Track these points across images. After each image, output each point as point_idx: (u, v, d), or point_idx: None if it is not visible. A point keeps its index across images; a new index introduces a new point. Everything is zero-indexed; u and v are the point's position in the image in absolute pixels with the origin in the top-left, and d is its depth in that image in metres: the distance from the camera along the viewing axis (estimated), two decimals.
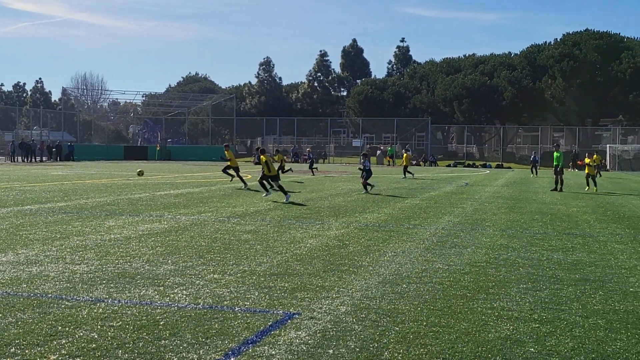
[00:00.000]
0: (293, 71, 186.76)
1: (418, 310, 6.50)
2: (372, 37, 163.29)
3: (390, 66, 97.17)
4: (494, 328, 5.98)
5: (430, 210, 16.49)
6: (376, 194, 21.45)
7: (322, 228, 12.63)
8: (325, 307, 6.53)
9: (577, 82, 65.19)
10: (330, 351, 5.23)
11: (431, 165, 62.58)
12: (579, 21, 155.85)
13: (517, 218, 15.24)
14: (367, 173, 22.33)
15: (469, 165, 62.17)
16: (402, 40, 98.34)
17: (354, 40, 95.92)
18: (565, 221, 14.88)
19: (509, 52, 78.23)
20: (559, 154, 26.19)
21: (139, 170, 21.51)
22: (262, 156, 19.93)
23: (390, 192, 22.74)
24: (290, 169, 32.75)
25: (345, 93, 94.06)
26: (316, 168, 38.00)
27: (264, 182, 19.85)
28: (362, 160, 22.69)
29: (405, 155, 35.71)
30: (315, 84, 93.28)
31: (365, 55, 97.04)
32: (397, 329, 5.88)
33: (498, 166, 61.60)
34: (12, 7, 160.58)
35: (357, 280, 7.84)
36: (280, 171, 28.94)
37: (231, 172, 25.32)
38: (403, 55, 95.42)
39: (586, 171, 26.28)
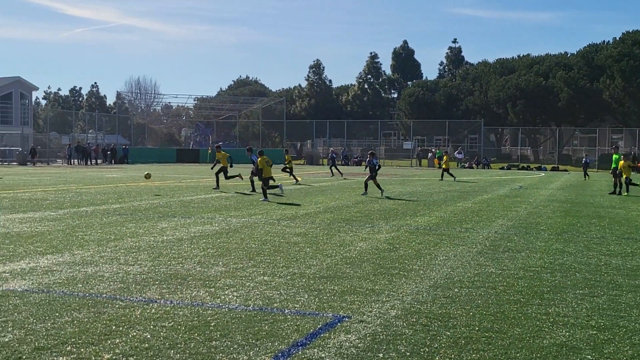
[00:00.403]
0: (343, 73, 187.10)
1: (470, 315, 6.38)
2: (423, 39, 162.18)
3: (441, 67, 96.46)
4: (548, 334, 5.81)
5: (482, 214, 16.22)
6: (424, 199, 21.21)
7: (372, 231, 12.56)
8: (375, 311, 6.48)
9: (637, 82, 63.27)
10: (381, 355, 5.17)
11: (484, 168, 61.65)
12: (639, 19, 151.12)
13: (574, 222, 14.85)
14: (371, 171, 21.65)
15: (523, 168, 60.99)
16: (454, 41, 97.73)
17: (405, 42, 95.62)
18: (625, 225, 14.43)
19: (565, 52, 76.53)
20: (617, 157, 25.38)
21: (146, 173, 22.83)
22: (259, 158, 19.93)
23: (442, 195, 22.48)
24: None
25: (395, 95, 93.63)
26: (338, 170, 38.01)
27: (265, 187, 19.50)
28: (368, 159, 22.20)
29: (445, 157, 34.20)
30: (366, 86, 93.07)
31: (416, 56, 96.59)
32: (448, 333, 5.78)
33: (553, 169, 60.23)
34: (68, 13, 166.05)
35: (407, 284, 7.75)
36: (288, 172, 29.31)
37: (229, 174, 24.71)
38: (455, 57, 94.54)
39: (624, 175, 24.82)
